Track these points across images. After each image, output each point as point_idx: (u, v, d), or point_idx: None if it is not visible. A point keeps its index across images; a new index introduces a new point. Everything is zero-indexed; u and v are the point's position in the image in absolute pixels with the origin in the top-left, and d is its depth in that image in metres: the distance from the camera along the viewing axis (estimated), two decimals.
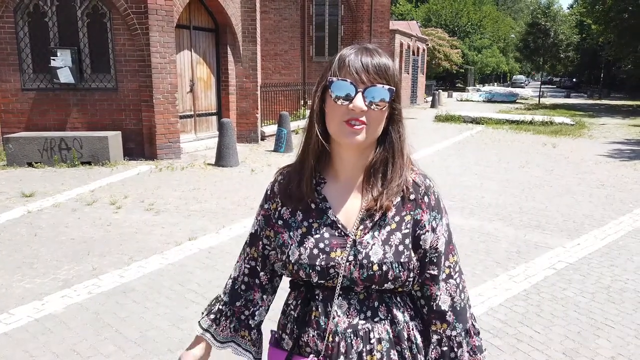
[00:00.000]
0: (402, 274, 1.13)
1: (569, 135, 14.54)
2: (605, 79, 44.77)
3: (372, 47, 1.15)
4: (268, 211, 1.25)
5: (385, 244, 1.13)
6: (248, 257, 1.29)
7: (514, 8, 76.80)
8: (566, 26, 32.70)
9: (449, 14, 49.27)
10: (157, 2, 8.60)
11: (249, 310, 1.28)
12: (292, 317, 1.21)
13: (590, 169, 9.31)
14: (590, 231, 5.45)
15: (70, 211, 5.80)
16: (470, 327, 1.22)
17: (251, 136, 11.39)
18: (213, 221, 5.54)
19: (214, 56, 10.84)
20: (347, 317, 1.14)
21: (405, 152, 1.18)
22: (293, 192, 1.20)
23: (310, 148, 1.19)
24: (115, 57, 8.83)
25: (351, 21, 20.66)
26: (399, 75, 1.15)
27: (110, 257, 4.42)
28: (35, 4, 8.69)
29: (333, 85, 1.09)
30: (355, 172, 1.19)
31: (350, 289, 1.15)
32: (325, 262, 1.13)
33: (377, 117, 1.10)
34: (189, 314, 3.41)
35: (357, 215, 1.16)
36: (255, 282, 1.28)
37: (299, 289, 1.22)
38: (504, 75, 70.33)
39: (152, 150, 9.02)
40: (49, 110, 8.93)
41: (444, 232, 1.19)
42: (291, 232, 1.19)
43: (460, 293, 1.21)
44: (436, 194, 1.20)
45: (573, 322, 3.41)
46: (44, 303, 3.53)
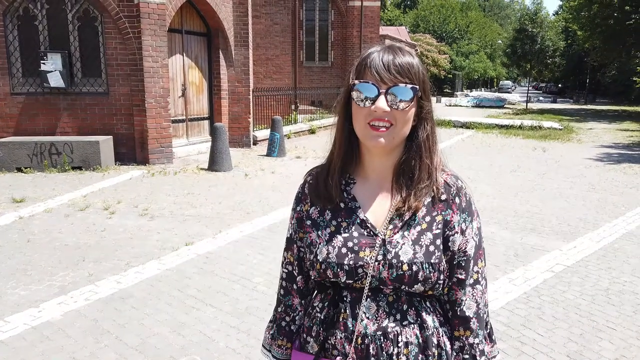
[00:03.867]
0: (433, 275, 1.11)
1: (558, 139, 14.70)
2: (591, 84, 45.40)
3: (398, 45, 1.14)
4: (300, 213, 1.23)
5: (416, 244, 1.11)
6: (285, 261, 1.27)
7: (501, 14, 77.78)
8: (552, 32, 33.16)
9: (436, 20, 49.72)
10: (149, 6, 8.54)
11: (289, 316, 1.26)
12: (318, 319, 1.18)
13: (581, 172, 9.41)
14: (585, 234, 5.49)
15: (62, 217, 5.70)
16: (486, 335, 1.21)
17: (243, 141, 11.33)
18: (209, 226, 5.49)
19: (206, 60, 10.79)
20: (376, 319, 1.12)
21: (435, 153, 1.16)
22: (321, 192, 1.18)
23: (337, 149, 1.17)
24: (107, 61, 8.75)
25: (341, 26, 20.72)
26: (425, 73, 1.14)
27: (106, 263, 4.35)
28: (25, 7, 8.57)
29: (356, 88, 1.08)
30: (385, 172, 1.17)
31: (379, 291, 1.13)
32: (353, 261, 1.11)
33: (402, 117, 1.09)
34: (189, 319, 3.36)
35: (386, 215, 1.14)
36: (293, 287, 1.26)
37: (326, 291, 1.19)
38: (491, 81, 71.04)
39: (144, 155, 8.93)
40: (39, 114, 8.80)
41: (473, 235, 1.17)
42: (319, 231, 1.17)
43: (483, 299, 1.19)
44: (468, 196, 1.18)
45: (575, 324, 3.42)
46: (40, 310, 3.45)
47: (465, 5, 60.80)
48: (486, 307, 1.21)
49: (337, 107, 1.17)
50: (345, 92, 1.14)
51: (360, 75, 1.10)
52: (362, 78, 1.09)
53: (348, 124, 1.14)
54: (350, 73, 1.13)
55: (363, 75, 1.09)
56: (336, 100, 1.19)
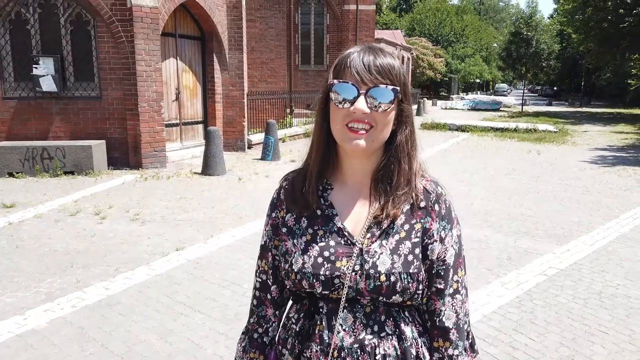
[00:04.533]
0: (411, 286, 1.07)
1: (552, 142, 14.71)
2: (586, 87, 45.57)
3: (378, 46, 1.11)
4: (275, 220, 1.18)
5: (394, 253, 1.07)
6: (259, 270, 1.22)
7: (496, 18, 78.08)
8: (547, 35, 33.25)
9: (432, 24, 49.81)
10: (142, 10, 8.51)
11: (262, 328, 1.22)
12: (294, 331, 1.14)
13: (576, 175, 9.41)
14: (578, 237, 5.47)
15: (53, 222, 5.65)
16: (467, 346, 1.17)
17: (238, 144, 11.30)
18: (201, 231, 5.44)
19: (200, 64, 10.76)
20: (353, 331, 1.08)
21: (414, 158, 1.12)
22: (298, 198, 1.14)
23: (314, 153, 1.14)
24: (100, 65, 8.70)
25: (337, 30, 20.76)
26: (406, 75, 1.11)
27: (95, 269, 4.29)
28: (17, 11, 8.53)
29: (334, 88, 1.05)
30: (363, 178, 1.13)
31: (356, 301, 1.09)
32: (330, 271, 1.07)
33: (382, 119, 1.05)
34: (177, 326, 3.31)
35: (364, 223, 1.10)
36: (267, 297, 1.21)
37: (302, 302, 1.15)
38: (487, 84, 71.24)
39: (137, 160, 8.88)
40: (31, 119, 8.75)
41: (453, 243, 1.13)
42: (295, 240, 1.13)
43: (464, 309, 1.16)
44: (447, 202, 1.14)
45: (567, 328, 3.39)
46: (25, 318, 3.40)
47: (461, 8, 61.02)
48: (467, 317, 1.17)
49: (317, 109, 1.14)
50: (324, 92, 1.10)
51: (339, 75, 1.06)
52: (341, 78, 1.05)
53: (326, 126, 1.11)
54: (329, 73, 1.10)
55: (342, 76, 1.05)
56: (315, 101, 1.15)
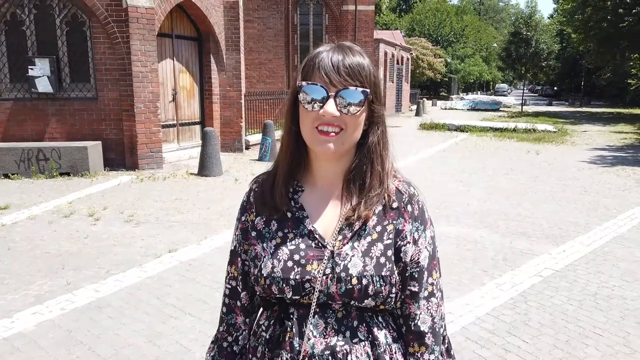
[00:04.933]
0: (384, 289, 1.04)
1: (551, 142, 14.67)
2: (586, 87, 45.52)
3: (348, 44, 1.07)
4: (245, 224, 1.14)
5: (366, 256, 1.04)
6: (229, 276, 1.18)
7: (496, 18, 78.07)
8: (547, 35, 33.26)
9: (432, 24, 49.78)
10: (138, 11, 8.48)
11: (231, 336, 1.17)
12: (264, 338, 1.11)
13: (574, 175, 9.36)
14: (575, 237, 5.43)
15: (46, 224, 5.61)
16: (444, 351, 1.14)
17: (235, 145, 11.27)
18: (195, 232, 5.41)
19: (197, 65, 10.73)
20: (324, 337, 1.04)
21: (386, 159, 1.09)
22: (267, 200, 1.11)
23: (283, 156, 1.10)
24: (95, 65, 8.68)
25: (335, 30, 20.71)
26: (377, 75, 1.07)
27: (86, 271, 4.26)
28: (12, 12, 8.51)
29: (303, 90, 1.01)
30: (334, 179, 1.10)
31: (327, 306, 1.05)
32: (300, 275, 1.03)
33: (353, 121, 1.02)
34: (166, 329, 3.28)
35: (336, 225, 1.07)
36: (237, 304, 1.16)
37: (272, 308, 1.12)
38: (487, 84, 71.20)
39: (133, 160, 8.85)
40: (27, 120, 8.72)
41: (427, 245, 1.10)
42: (264, 244, 1.09)
43: (439, 313, 1.12)
44: (420, 203, 1.11)
45: (561, 330, 3.35)
46: (13, 321, 3.36)
47: (461, 9, 61.02)
48: (442, 321, 1.13)
49: (285, 110, 1.10)
50: (292, 93, 1.07)
51: (308, 77, 1.03)
52: (309, 79, 1.02)
53: (295, 128, 1.07)
54: (297, 73, 1.07)
55: (311, 77, 1.02)
56: (284, 102, 1.12)
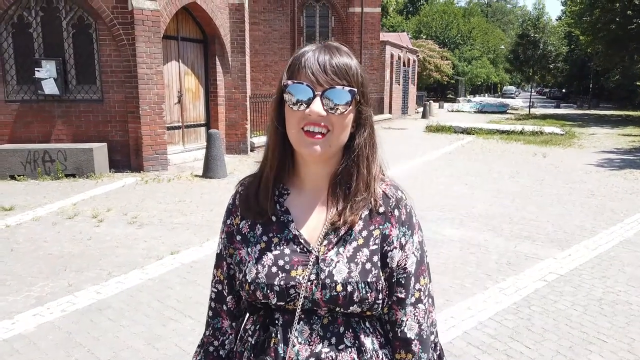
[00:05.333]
0: (370, 295, 1.01)
1: (559, 145, 14.57)
2: (594, 89, 45.20)
3: (335, 44, 1.05)
4: (230, 227, 1.13)
5: (351, 262, 1.02)
6: (215, 280, 1.17)
7: (503, 20, 77.76)
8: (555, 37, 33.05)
9: (439, 26, 49.69)
10: (144, 13, 8.51)
11: (218, 341, 1.16)
12: (250, 344, 1.09)
13: (581, 178, 9.28)
14: (581, 241, 5.37)
15: (50, 225, 5.63)
16: (435, 358, 1.12)
17: (240, 147, 11.27)
18: (197, 234, 5.40)
19: (203, 67, 10.75)
20: (309, 344, 1.02)
21: (373, 162, 1.07)
22: (252, 204, 1.09)
23: (270, 157, 1.08)
24: (101, 68, 8.72)
25: (342, 32, 20.73)
26: (364, 76, 1.05)
27: (87, 273, 4.26)
28: (19, 14, 8.57)
29: (289, 89, 0.99)
30: (321, 182, 1.08)
31: (312, 312, 1.03)
32: (284, 281, 1.02)
33: (339, 122, 1.00)
34: (166, 332, 3.27)
35: (321, 230, 1.05)
36: (223, 308, 1.15)
37: (258, 313, 1.10)
38: (494, 86, 70.91)
39: (138, 162, 8.88)
40: (33, 122, 8.77)
41: (414, 250, 1.07)
42: (249, 248, 1.07)
43: (428, 319, 1.09)
44: (408, 207, 1.09)
45: (565, 336, 3.30)
46: (14, 322, 3.37)
47: (468, 11, 60.83)
48: (432, 327, 1.11)
49: (271, 110, 1.08)
50: (278, 93, 1.05)
51: (293, 76, 1.01)
52: (295, 78, 1.00)
53: (282, 129, 1.05)
54: (282, 73, 1.05)
55: (297, 76, 1.00)
56: (269, 103, 1.10)
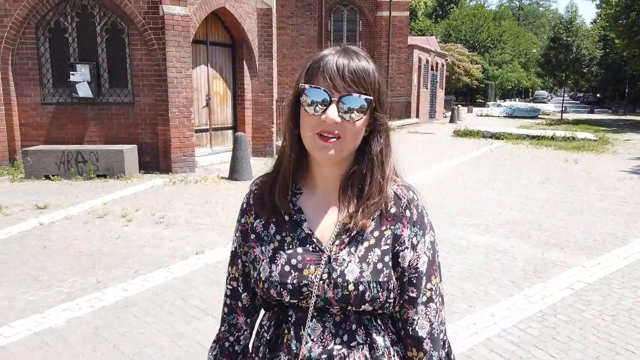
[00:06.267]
0: (381, 295, 1.03)
1: (591, 151, 14.19)
2: (630, 94, 43.83)
3: (354, 49, 1.06)
4: (244, 226, 1.16)
5: (363, 262, 1.03)
6: (230, 277, 1.20)
7: (536, 23, 76.24)
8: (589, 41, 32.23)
9: (468, 30, 49.12)
10: (174, 18, 8.71)
11: (233, 336, 1.19)
12: (265, 339, 1.12)
13: (614, 185, 9.02)
14: (612, 250, 5.22)
15: (81, 224, 5.81)
16: (443, 356, 1.12)
17: (266, 150, 11.38)
18: (222, 235, 5.48)
19: (231, 71, 10.92)
20: (322, 341, 1.04)
21: (387, 167, 1.08)
22: (266, 203, 1.11)
23: (285, 157, 1.10)
24: (133, 71, 8.95)
25: (369, 37, 20.72)
26: (381, 82, 1.06)
27: (115, 271, 4.38)
28: (56, 20, 8.88)
29: (306, 93, 1.01)
30: (333, 183, 1.10)
31: (325, 310, 1.05)
32: (297, 280, 1.04)
33: (353, 129, 1.01)
34: (189, 330, 3.33)
35: (333, 229, 1.06)
36: (238, 304, 1.18)
37: (273, 309, 1.13)
38: (526, 91, 69.58)
39: (167, 164, 9.07)
40: (68, 124, 9.07)
41: (426, 250, 1.08)
42: (263, 247, 1.10)
43: (438, 318, 1.10)
44: (420, 207, 1.09)
45: (591, 346, 3.22)
46: (45, 316, 3.49)
47: (499, 14, 59.93)
48: (442, 326, 1.11)
49: (287, 112, 1.11)
50: (295, 95, 1.07)
51: (311, 79, 1.02)
52: (313, 82, 1.02)
53: (297, 130, 1.07)
54: (300, 75, 1.07)
55: (314, 80, 1.01)
56: (285, 104, 1.12)
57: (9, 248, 4.93)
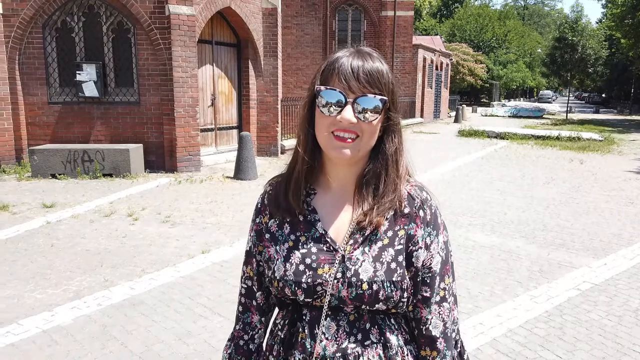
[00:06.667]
0: (395, 294, 1.04)
1: (597, 151, 14.14)
2: (636, 94, 43.62)
3: (367, 50, 1.08)
4: (259, 225, 1.18)
5: (377, 261, 1.04)
6: (244, 276, 1.21)
7: (541, 23, 75.95)
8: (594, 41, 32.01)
9: (473, 29, 49.00)
10: (180, 18, 8.73)
11: (247, 335, 1.20)
12: (279, 338, 1.13)
13: (619, 185, 8.99)
14: (618, 250, 5.21)
15: (88, 222, 5.84)
16: (455, 356, 1.13)
17: (271, 150, 11.40)
18: (228, 234, 5.50)
19: (236, 70, 10.94)
20: (336, 340, 1.06)
21: (400, 166, 1.09)
22: (281, 203, 1.13)
23: (299, 157, 1.12)
24: (139, 71, 8.98)
25: (374, 36, 20.70)
26: (395, 82, 1.08)
27: (122, 269, 4.41)
28: (62, 20, 8.92)
29: (321, 94, 1.02)
30: (347, 183, 1.11)
31: (339, 309, 1.07)
32: (311, 279, 1.05)
33: (369, 128, 1.03)
34: (196, 328, 3.35)
35: (347, 229, 1.08)
36: (253, 303, 1.20)
37: (287, 308, 1.14)
38: (531, 91, 69.36)
39: (172, 163, 9.09)
40: (74, 123, 9.11)
41: (439, 250, 1.09)
42: (277, 246, 1.11)
43: (451, 317, 1.11)
44: (433, 207, 1.11)
45: (597, 346, 3.22)
46: (53, 314, 3.52)
47: (503, 14, 59.72)
48: (455, 325, 1.13)
49: (302, 112, 1.12)
50: (310, 96, 1.09)
51: (327, 81, 1.04)
52: (328, 84, 1.03)
53: (312, 131, 1.09)
54: (315, 77, 1.08)
55: (330, 81, 1.03)
56: (300, 105, 1.14)
57: (17, 246, 4.97)
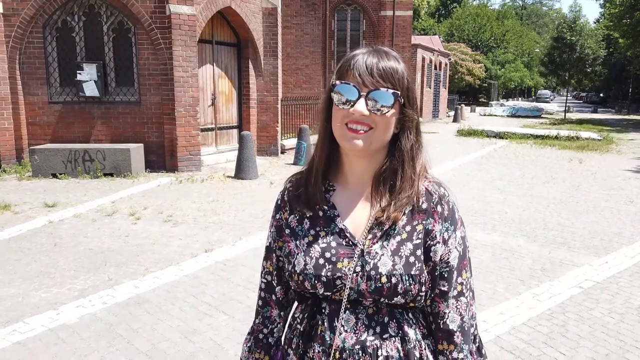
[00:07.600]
0: (413, 288, 1.06)
1: (596, 150, 14.19)
2: (634, 93, 43.74)
3: (384, 49, 1.11)
4: (279, 221, 1.20)
5: (395, 255, 1.06)
6: (264, 271, 1.24)
7: (539, 23, 76.04)
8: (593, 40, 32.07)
9: (471, 29, 49.07)
10: (180, 17, 8.74)
11: (267, 329, 1.23)
12: (298, 331, 1.16)
13: (619, 185, 9.03)
14: (619, 249, 5.24)
15: (90, 222, 5.85)
16: (474, 350, 1.15)
17: (271, 149, 11.41)
18: (230, 233, 5.52)
19: (236, 70, 10.95)
20: (355, 332, 1.08)
21: (417, 162, 1.12)
22: (301, 199, 1.15)
23: (318, 153, 1.14)
24: (139, 71, 8.99)
25: (373, 36, 20.72)
26: (410, 80, 1.10)
27: (126, 268, 4.42)
28: (63, 19, 8.92)
29: (337, 89, 1.06)
30: (365, 179, 1.13)
31: (358, 303, 1.09)
32: (331, 272, 1.07)
33: (383, 121, 1.05)
34: (201, 326, 3.36)
35: (366, 224, 1.10)
36: (272, 297, 1.22)
37: (306, 302, 1.16)
38: (529, 90, 69.47)
39: (173, 163, 9.10)
40: (74, 122, 9.10)
41: (457, 245, 1.11)
42: (297, 241, 1.14)
43: (469, 312, 1.13)
44: (451, 203, 1.13)
45: (600, 343, 3.24)
46: (58, 313, 3.53)
47: (502, 14, 59.81)
48: (472, 320, 1.14)
49: (320, 109, 1.14)
50: (327, 93, 1.11)
51: (342, 77, 1.07)
52: (344, 79, 1.06)
53: (329, 127, 1.11)
54: (333, 74, 1.11)
55: (345, 77, 1.06)
56: (319, 102, 1.16)
57: (20, 245, 4.98)
